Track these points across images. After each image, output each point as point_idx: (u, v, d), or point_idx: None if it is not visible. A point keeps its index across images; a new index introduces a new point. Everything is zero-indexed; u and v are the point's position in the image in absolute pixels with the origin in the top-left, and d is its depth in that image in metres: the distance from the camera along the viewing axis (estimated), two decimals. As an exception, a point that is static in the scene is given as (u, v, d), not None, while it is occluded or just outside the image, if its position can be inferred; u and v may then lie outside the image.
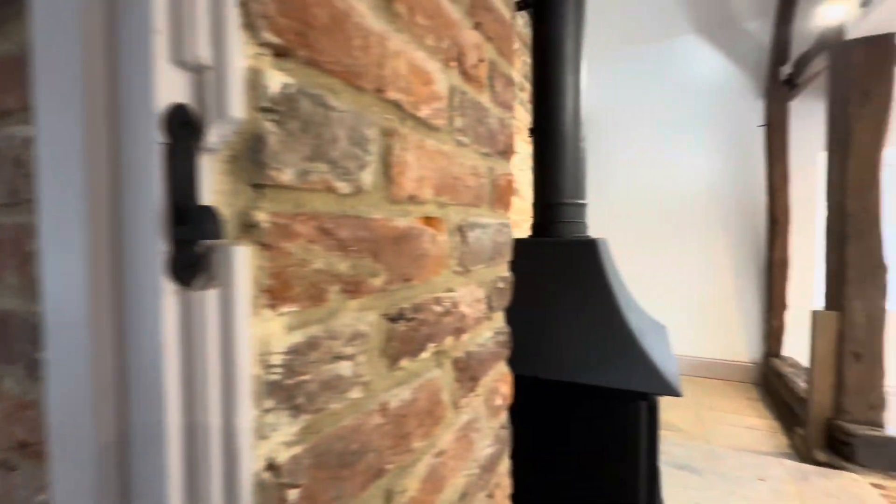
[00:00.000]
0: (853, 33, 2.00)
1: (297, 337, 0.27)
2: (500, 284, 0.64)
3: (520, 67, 2.01)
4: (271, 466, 0.25)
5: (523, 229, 2.34)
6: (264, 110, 0.25)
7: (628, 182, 3.70)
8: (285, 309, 0.26)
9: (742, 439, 2.49)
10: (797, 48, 2.80)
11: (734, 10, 3.31)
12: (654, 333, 1.40)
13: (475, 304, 0.55)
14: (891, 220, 3.31)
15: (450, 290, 0.48)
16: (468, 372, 0.53)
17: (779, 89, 3.04)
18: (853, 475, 1.91)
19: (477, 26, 0.53)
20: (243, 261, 0.24)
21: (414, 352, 0.40)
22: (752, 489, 1.83)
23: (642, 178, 3.65)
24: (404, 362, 0.39)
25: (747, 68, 3.32)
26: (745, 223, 3.37)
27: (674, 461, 2.04)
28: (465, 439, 0.52)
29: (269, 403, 0.25)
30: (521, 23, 1.96)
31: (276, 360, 0.26)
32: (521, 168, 2.17)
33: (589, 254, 1.25)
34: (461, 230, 0.50)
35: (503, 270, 0.65)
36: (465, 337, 0.51)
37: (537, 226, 1.43)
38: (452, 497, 0.49)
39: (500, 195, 0.63)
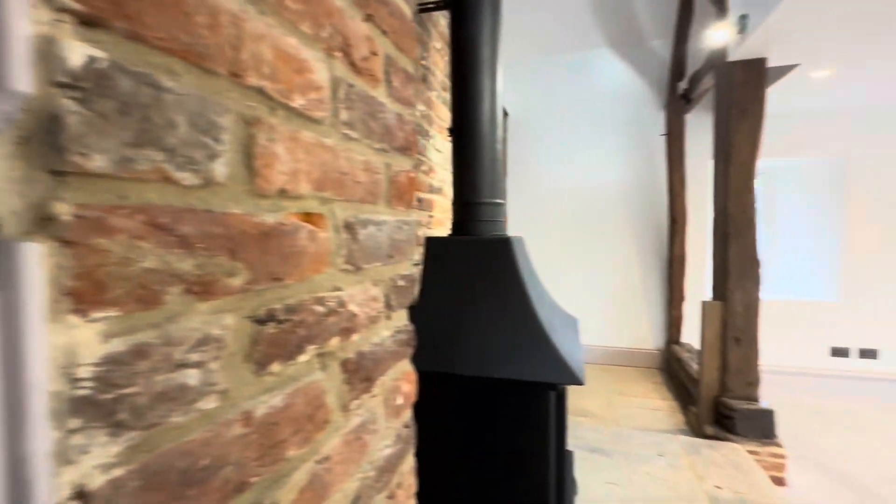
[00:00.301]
0: (733, 56, 2.27)
1: (119, 345, 0.24)
2: (402, 283, 0.64)
3: (443, 67, 2.03)
4: (80, 494, 0.22)
5: (447, 228, 2.37)
6: (61, 86, 0.21)
7: (548, 183, 3.89)
8: (100, 314, 0.23)
9: (647, 420, 2.73)
10: (692, 66, 3.12)
11: (640, 28, 3.61)
12: (565, 326, 1.49)
13: (369, 303, 0.53)
14: (763, 221, 3.81)
15: (336, 290, 0.46)
16: (361, 373, 0.51)
17: (677, 103, 3.37)
18: (734, 445, 2.18)
19: (368, 18, 0.52)
20: (34, 259, 0.21)
21: (288, 355, 0.38)
22: (653, 465, 2.00)
23: (561, 180, 3.87)
24: (276, 367, 0.37)
25: (651, 82, 3.64)
26: (650, 222, 3.70)
27: (587, 445, 2.18)
28: (358, 442, 0.50)
29: (75, 423, 0.22)
30: (444, 23, 1.98)
31: (86, 372, 0.22)
32: (445, 167, 2.20)
33: (503, 251, 1.29)
34: (350, 227, 0.49)
35: (404, 268, 0.64)
36: (355, 337, 0.49)
37: (456, 224, 1.45)
38: (342, 502, 0.47)
39: (400, 192, 0.62)
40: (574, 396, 3.10)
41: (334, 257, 0.46)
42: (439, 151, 2.01)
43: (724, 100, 2.40)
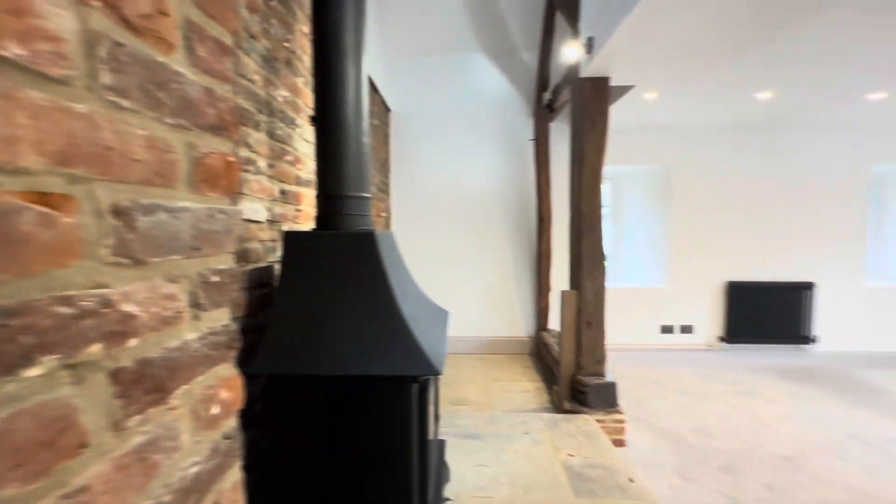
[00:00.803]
0: (584, 73, 2.56)
1: None
2: (216, 278, 0.57)
3: (311, 52, 1.92)
4: None
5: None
6: None
7: (431, 180, 3.98)
8: None
9: (517, 402, 2.95)
10: (554, 79, 3.45)
11: (513, 40, 3.87)
12: (434, 320, 1.52)
13: (160, 301, 0.46)
14: (612, 220, 4.40)
15: (99, 287, 0.38)
16: (145, 383, 0.44)
17: (543, 112, 3.70)
18: (586, 416, 2.47)
19: (153, -30, 0.45)
20: None
21: (5, 370, 0.30)
22: (519, 442, 2.17)
23: (442, 178, 3.98)
24: (-21, 386, 0.29)
25: (522, 91, 3.94)
26: (522, 220, 4.01)
27: (462, 432, 2.28)
28: (142, 464, 0.43)
29: None
30: (307, 3, 1.88)
31: None
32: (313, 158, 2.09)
33: (367, 246, 1.26)
34: (124, 212, 0.41)
35: (220, 262, 0.58)
36: (133, 342, 0.42)
37: (320, 218, 1.39)
38: (118, 537, 0.40)
39: (212, 176, 0.56)
40: (455, 386, 3.23)
41: (94, 248, 0.38)
42: (308, 142, 1.90)
43: (577, 111, 2.69)
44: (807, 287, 3.93)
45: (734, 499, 1.99)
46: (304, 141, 1.87)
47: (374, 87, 3.22)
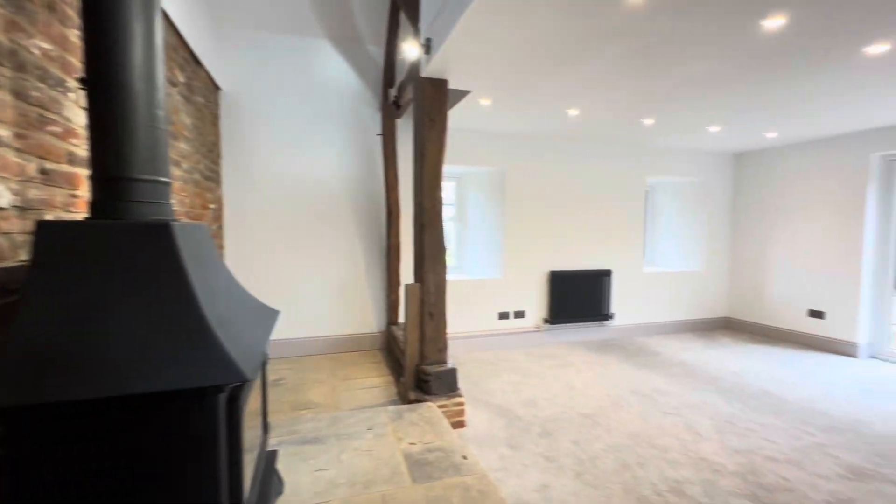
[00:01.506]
0: (424, 73, 2.64)
1: None
2: None
3: None
4: None
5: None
6: None
7: (273, 169, 3.66)
8: None
9: (366, 398, 2.92)
10: (400, 76, 3.49)
11: (359, 31, 3.79)
12: (254, 321, 1.37)
13: None
14: (458, 217, 4.68)
15: None
16: None
17: (390, 107, 3.72)
18: (429, 403, 2.57)
19: None
20: None
21: None
22: (362, 440, 2.14)
23: (286, 168, 3.69)
24: None
25: (370, 84, 3.90)
26: (372, 214, 3.98)
27: (302, 438, 2.14)
28: None
29: None
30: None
31: None
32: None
33: (158, 239, 1.06)
34: None
35: None
36: None
37: (95, 205, 1.12)
38: None
39: None
40: (300, 390, 3.03)
41: None
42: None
43: (419, 110, 2.77)
44: (606, 274, 4.81)
45: (549, 457, 2.31)
46: (83, 109, 1.50)
47: (195, 59, 2.79)
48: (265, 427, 1.69)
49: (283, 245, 3.70)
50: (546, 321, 4.59)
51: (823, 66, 2.53)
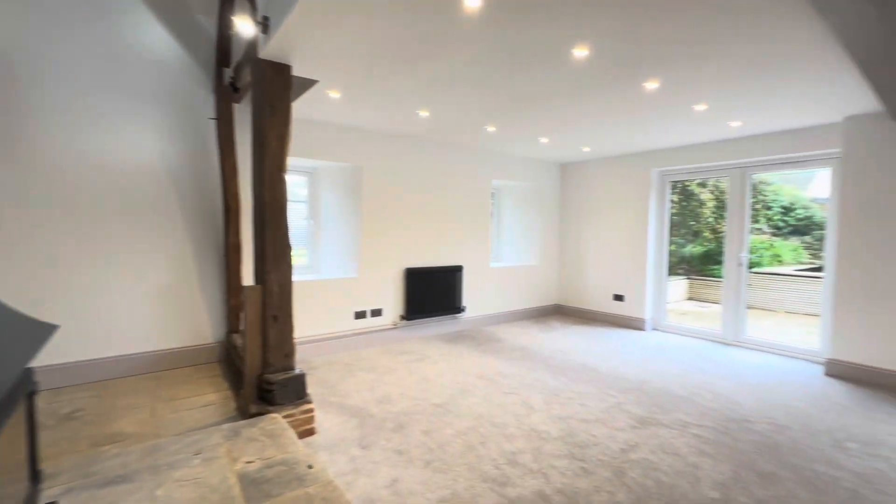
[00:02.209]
0: (263, 54, 2.41)
1: None
2: None
3: None
4: None
5: None
6: None
7: (66, 154, 2.92)
8: None
9: (197, 418, 2.55)
10: (236, 55, 3.13)
11: (186, -5, 3.28)
12: (7, 342, 1.07)
13: None
14: (310, 214, 4.44)
15: None
16: None
17: (226, 89, 3.31)
18: (273, 415, 2.36)
19: None
20: None
21: None
22: (186, 467, 1.85)
23: (84, 152, 2.99)
24: None
25: (201, 61, 3.41)
26: (206, 210, 3.50)
27: (102, 479, 1.76)
28: None
29: None
30: None
31: None
32: None
33: None
34: None
35: None
36: None
37: None
38: None
39: None
40: (104, 422, 2.49)
41: None
42: None
43: (258, 94, 2.52)
44: (458, 269, 5.11)
45: (400, 451, 2.34)
46: None
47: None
48: (35, 476, 1.33)
49: (84, 245, 2.99)
50: (403, 318, 4.67)
51: (615, 95, 3.10)
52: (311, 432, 2.52)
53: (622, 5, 1.89)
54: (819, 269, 7.07)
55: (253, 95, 2.59)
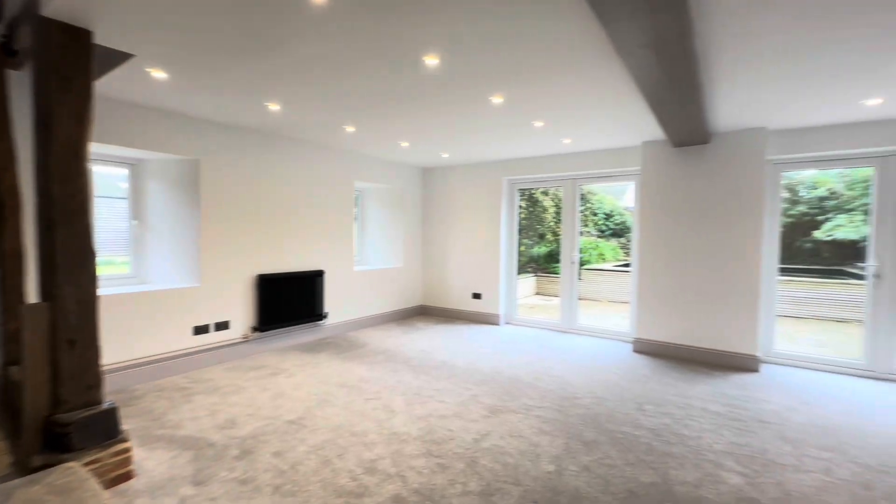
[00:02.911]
0: (47, 11, 1.92)
1: None
2: None
3: None
4: None
5: None
6: None
7: None
8: None
9: (-57, 487, 1.89)
10: (11, 9, 2.45)
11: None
12: None
13: None
14: (134, 215, 3.73)
15: None
16: None
17: (-4, 49, 2.56)
18: (68, 465, 1.88)
19: None
20: None
21: None
22: (-85, 559, 1.35)
23: None
24: None
25: (-46, 7, 2.57)
26: (-36, 207, 2.65)
27: None
28: None
29: None
30: None
31: None
32: None
33: None
34: None
35: None
36: None
37: None
38: None
39: None
40: None
41: None
42: None
43: (42, 63, 2.00)
44: (319, 275, 4.86)
45: (245, 480, 2.09)
46: None
47: None
48: None
49: None
50: (256, 329, 4.24)
51: (467, 106, 3.31)
52: (126, 477, 2.09)
53: (467, 20, 2.00)
54: (629, 265, 8.68)
55: (34, 62, 2.05)
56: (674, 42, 1.95)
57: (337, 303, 5.13)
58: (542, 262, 10.48)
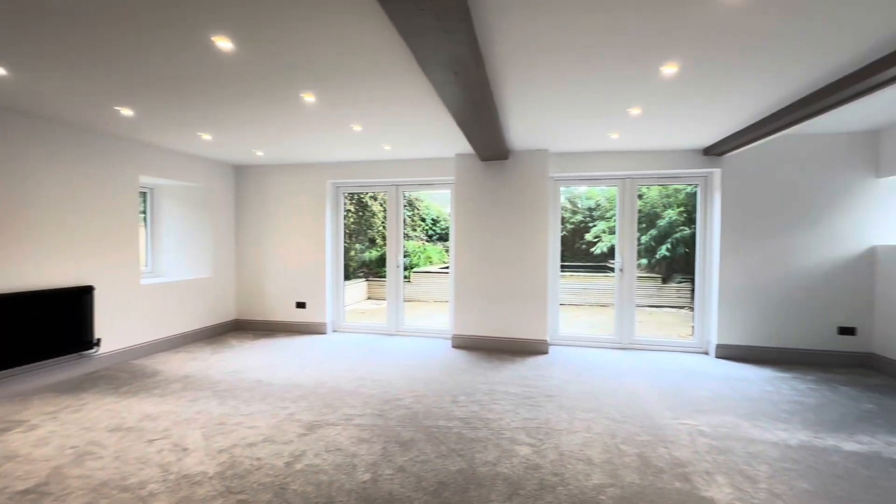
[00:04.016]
0: None
1: None
2: None
3: None
4: None
5: None
6: None
7: None
8: None
9: None
10: None
11: None
12: None
13: None
14: None
15: None
16: None
17: None
18: None
19: None
20: None
21: None
22: None
23: None
24: None
25: None
26: None
27: None
28: None
29: None
30: None
31: None
32: None
33: None
34: None
35: None
36: None
37: None
38: None
39: None
40: None
41: None
42: None
43: None
44: (86, 292, 3.83)
45: None
46: None
47: None
48: None
49: None
50: (-27, 372, 3.08)
51: (275, 102, 3.05)
52: None
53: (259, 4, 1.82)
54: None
55: None
56: (471, 65, 2.14)
57: (115, 325, 4.13)
58: (373, 267, 10.54)
